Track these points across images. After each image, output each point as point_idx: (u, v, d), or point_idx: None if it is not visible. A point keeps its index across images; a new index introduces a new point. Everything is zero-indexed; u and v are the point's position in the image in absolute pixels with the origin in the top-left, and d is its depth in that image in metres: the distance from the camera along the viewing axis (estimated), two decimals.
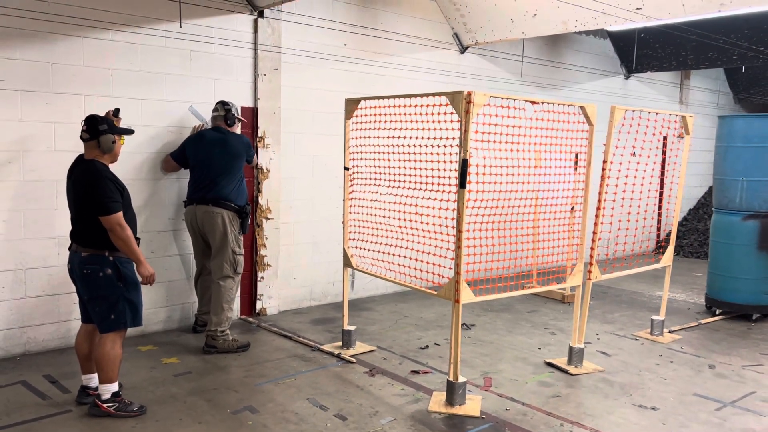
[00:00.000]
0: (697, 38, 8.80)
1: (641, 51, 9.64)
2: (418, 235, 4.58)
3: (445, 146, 4.28)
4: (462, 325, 6.03)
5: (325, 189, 6.62)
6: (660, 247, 7.71)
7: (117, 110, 4.10)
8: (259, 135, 6.01)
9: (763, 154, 6.35)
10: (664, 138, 9.66)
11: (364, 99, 4.89)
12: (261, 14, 5.87)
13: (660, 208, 7.02)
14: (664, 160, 8.89)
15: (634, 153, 5.78)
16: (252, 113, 5.98)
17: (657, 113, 5.45)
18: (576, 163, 5.58)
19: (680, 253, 10.75)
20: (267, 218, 6.15)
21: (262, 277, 6.19)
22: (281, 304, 6.43)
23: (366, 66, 6.81)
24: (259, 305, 6.21)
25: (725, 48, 8.77)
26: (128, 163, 5.18)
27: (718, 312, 6.75)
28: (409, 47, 7.16)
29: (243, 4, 5.78)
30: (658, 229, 10.60)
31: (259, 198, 6.08)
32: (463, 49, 7.71)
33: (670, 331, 6.04)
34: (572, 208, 5.33)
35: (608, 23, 6.69)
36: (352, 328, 5.28)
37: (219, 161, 5.20)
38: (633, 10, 6.21)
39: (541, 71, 8.74)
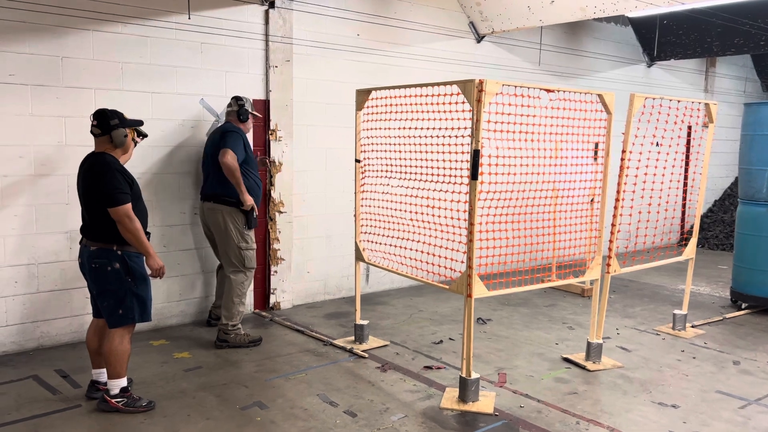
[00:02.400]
0: (722, 23, 8.52)
1: (664, 38, 9.37)
2: (431, 228, 4.48)
3: (457, 137, 4.18)
4: (478, 319, 5.94)
5: (338, 182, 6.55)
6: (683, 239, 7.51)
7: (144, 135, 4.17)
8: (272, 128, 5.95)
9: None
10: (689, 127, 9.41)
11: (375, 89, 4.80)
12: (272, 5, 5.78)
13: (684, 199, 6.82)
14: (688, 150, 8.65)
15: (656, 143, 5.60)
16: (264, 106, 5.91)
17: (679, 101, 5.27)
18: (596, 153, 5.43)
19: (705, 245, 10.49)
20: (280, 212, 6.09)
21: (276, 271, 6.14)
22: (295, 298, 6.38)
23: (380, 57, 6.70)
24: (272, 299, 6.17)
25: (752, 33, 8.48)
26: (140, 157, 5.16)
27: (743, 306, 6.55)
28: (424, 37, 7.03)
29: None
30: (682, 220, 10.36)
31: (272, 191, 6.02)
32: (480, 38, 7.56)
33: (693, 326, 5.87)
34: (591, 200, 5.20)
35: (629, 9, 6.49)
36: (365, 322, 5.21)
37: (213, 157, 5.11)
38: None
39: (560, 60, 8.54)
